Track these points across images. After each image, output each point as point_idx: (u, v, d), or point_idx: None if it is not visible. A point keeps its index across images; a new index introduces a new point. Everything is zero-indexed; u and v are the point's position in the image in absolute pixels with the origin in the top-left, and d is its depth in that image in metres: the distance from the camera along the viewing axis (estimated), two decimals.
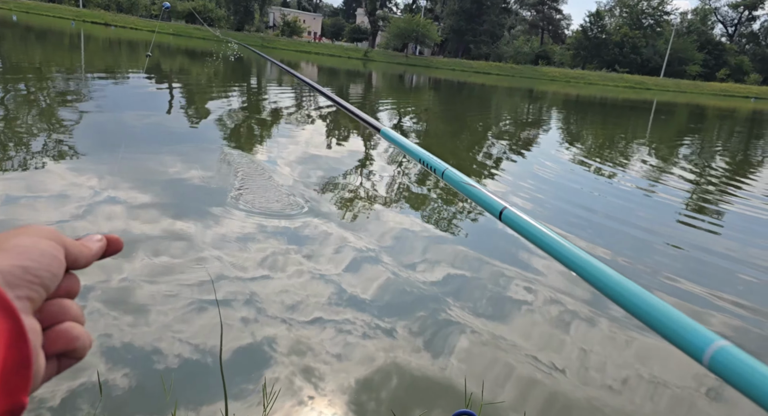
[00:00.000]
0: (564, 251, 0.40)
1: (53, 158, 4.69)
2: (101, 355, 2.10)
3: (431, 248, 3.57)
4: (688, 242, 4.44)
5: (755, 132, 18.49)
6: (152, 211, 3.62)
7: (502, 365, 2.32)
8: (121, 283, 2.64)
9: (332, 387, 2.05)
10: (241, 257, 3.06)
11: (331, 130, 8.74)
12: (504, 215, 0.49)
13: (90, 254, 0.40)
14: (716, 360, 0.32)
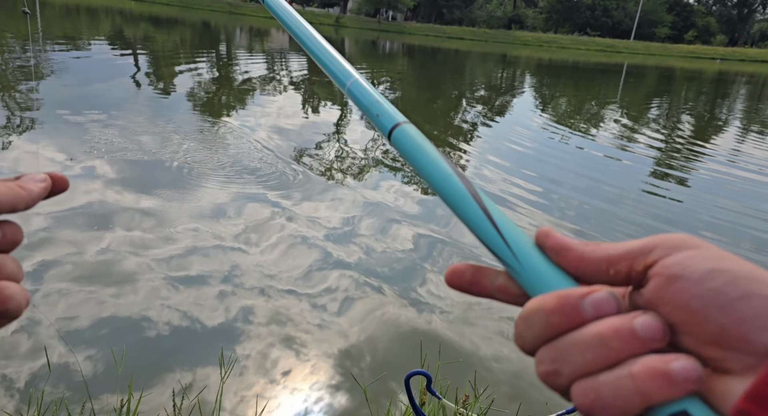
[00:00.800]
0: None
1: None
2: (58, 332, 2.14)
3: (407, 212, 3.65)
4: (654, 212, 4.63)
5: (720, 92, 18.94)
6: (121, 184, 3.59)
7: (467, 328, 2.45)
8: (98, 256, 2.66)
9: (296, 372, 2.15)
10: (218, 227, 3.10)
11: (308, 97, 8.64)
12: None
13: (29, 197, 0.36)
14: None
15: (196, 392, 1.75)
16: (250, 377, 1.99)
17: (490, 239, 0.31)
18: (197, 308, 2.38)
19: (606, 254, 0.28)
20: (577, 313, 0.26)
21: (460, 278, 0.32)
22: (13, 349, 2.00)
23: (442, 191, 0.33)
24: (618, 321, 0.25)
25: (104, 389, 1.78)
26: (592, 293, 0.26)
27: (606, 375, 0.25)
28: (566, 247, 0.29)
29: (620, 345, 0.25)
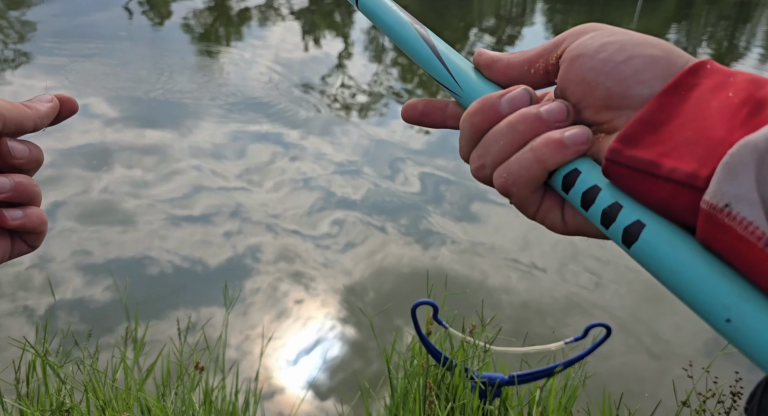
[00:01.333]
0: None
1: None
2: (74, 266, 2.16)
3: (413, 151, 3.58)
4: None
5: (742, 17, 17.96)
6: (123, 120, 3.51)
7: (473, 262, 2.44)
8: (101, 195, 2.64)
9: (313, 296, 2.16)
10: (220, 164, 3.05)
11: (309, 29, 8.27)
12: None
13: (36, 115, 0.35)
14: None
15: (201, 326, 1.78)
16: (254, 314, 2.01)
17: (439, 73, 0.35)
18: (201, 246, 2.38)
19: (527, 57, 0.31)
20: (496, 111, 0.30)
21: (413, 111, 0.36)
22: (25, 283, 2.03)
23: (401, 41, 0.37)
24: (526, 109, 0.29)
25: (110, 321, 1.81)
26: (508, 93, 0.30)
27: (515, 155, 0.29)
28: (495, 59, 0.33)
29: (526, 127, 0.28)
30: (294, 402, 1.70)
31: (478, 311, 1.42)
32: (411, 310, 1.26)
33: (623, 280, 2.35)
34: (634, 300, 2.14)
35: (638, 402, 1.20)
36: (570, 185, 0.28)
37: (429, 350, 1.29)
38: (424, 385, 1.24)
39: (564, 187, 0.28)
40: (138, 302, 1.38)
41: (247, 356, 1.81)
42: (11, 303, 1.93)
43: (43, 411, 1.09)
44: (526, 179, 0.28)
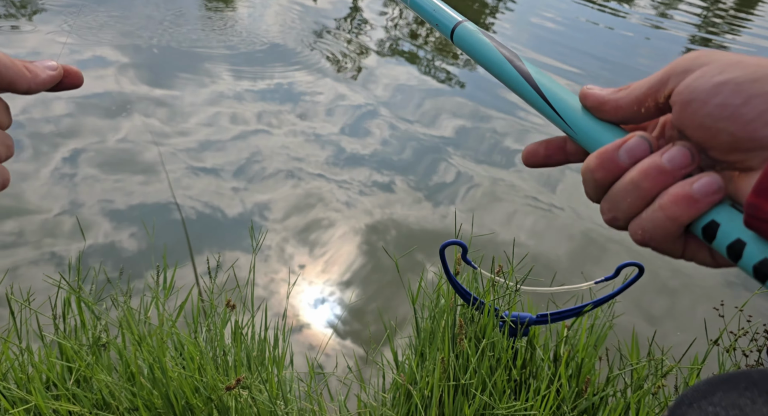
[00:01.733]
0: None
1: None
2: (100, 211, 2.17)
3: (428, 100, 3.49)
4: None
5: None
6: (134, 69, 3.45)
7: (495, 205, 2.42)
8: (118, 144, 2.63)
9: (337, 236, 2.17)
10: (235, 112, 3.01)
11: None
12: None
13: (32, 80, 0.34)
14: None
15: (227, 268, 1.79)
16: (277, 257, 2.03)
17: (547, 113, 0.35)
18: (221, 194, 2.37)
19: (634, 96, 0.31)
20: (616, 165, 0.29)
21: (535, 156, 0.36)
22: (54, 229, 2.05)
23: (505, 79, 0.37)
24: (648, 162, 0.28)
25: (138, 266, 1.84)
26: (625, 143, 0.29)
27: (645, 212, 0.28)
28: (602, 101, 0.32)
29: (651, 183, 0.28)
30: (320, 339, 1.73)
31: (505, 252, 1.41)
32: (440, 250, 1.25)
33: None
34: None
35: (670, 342, 1.20)
36: (711, 237, 0.27)
37: (458, 290, 1.29)
38: (452, 324, 1.25)
39: (705, 237, 0.27)
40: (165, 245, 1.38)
41: (273, 296, 1.84)
42: (38, 250, 1.96)
43: (80, 346, 1.11)
44: (662, 236, 0.28)
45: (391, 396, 1.37)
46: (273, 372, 1.24)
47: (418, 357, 1.36)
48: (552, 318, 1.25)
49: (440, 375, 1.15)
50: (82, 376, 1.07)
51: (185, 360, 1.10)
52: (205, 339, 1.28)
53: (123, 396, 1.03)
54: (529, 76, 0.36)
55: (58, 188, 2.31)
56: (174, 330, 1.18)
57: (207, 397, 1.08)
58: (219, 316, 1.29)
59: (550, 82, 0.36)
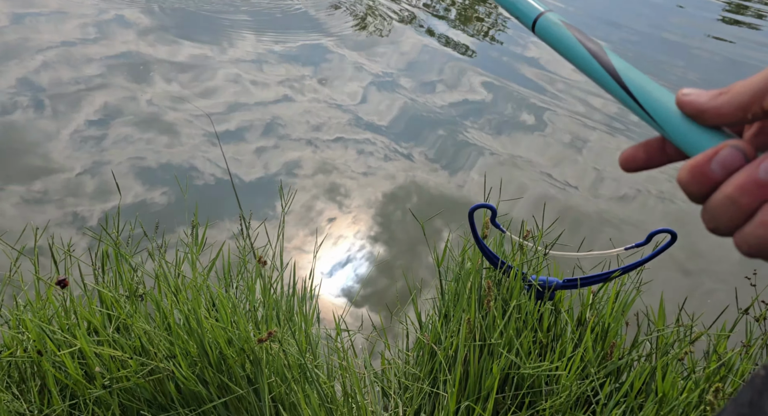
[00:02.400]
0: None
1: None
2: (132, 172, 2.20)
3: (448, 71, 3.43)
4: (718, 59, 4.18)
5: None
6: (160, 31, 3.42)
7: (517, 177, 2.40)
8: (146, 107, 2.64)
9: (354, 204, 2.18)
10: (257, 77, 2.99)
11: None
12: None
13: None
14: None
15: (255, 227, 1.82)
16: (305, 217, 2.05)
17: (638, 113, 0.33)
18: (246, 156, 2.39)
19: (738, 103, 0.29)
20: (709, 178, 0.28)
21: (635, 162, 0.35)
22: (76, 190, 2.09)
23: (589, 74, 0.35)
24: (744, 175, 0.27)
25: (170, 223, 1.87)
26: (717, 154, 0.28)
27: (748, 226, 0.27)
28: (701, 110, 0.30)
29: (749, 199, 0.27)
30: (345, 299, 1.77)
31: (534, 216, 1.41)
32: (469, 212, 1.26)
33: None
34: (695, 207, 2.10)
35: (701, 309, 1.20)
36: None
37: (485, 254, 1.30)
38: (479, 287, 1.27)
39: None
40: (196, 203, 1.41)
41: (301, 254, 1.87)
42: (61, 210, 2.01)
43: (119, 296, 1.15)
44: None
45: (414, 355, 1.40)
46: (302, 327, 1.28)
47: (442, 318, 1.39)
48: (580, 283, 1.25)
49: (466, 335, 1.17)
50: (122, 324, 1.11)
51: (218, 313, 1.14)
52: (236, 294, 1.31)
53: (161, 344, 1.07)
54: (616, 72, 0.34)
55: (83, 149, 2.34)
56: (207, 283, 1.21)
57: (240, 348, 1.12)
58: (249, 272, 1.32)
59: (641, 79, 0.33)
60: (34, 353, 1.03)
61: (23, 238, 1.25)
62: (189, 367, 1.08)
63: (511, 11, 0.41)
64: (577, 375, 1.08)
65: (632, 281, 1.27)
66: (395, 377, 1.35)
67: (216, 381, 1.11)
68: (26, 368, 1.06)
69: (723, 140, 0.30)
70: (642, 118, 0.33)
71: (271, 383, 1.14)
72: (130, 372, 1.04)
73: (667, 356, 1.09)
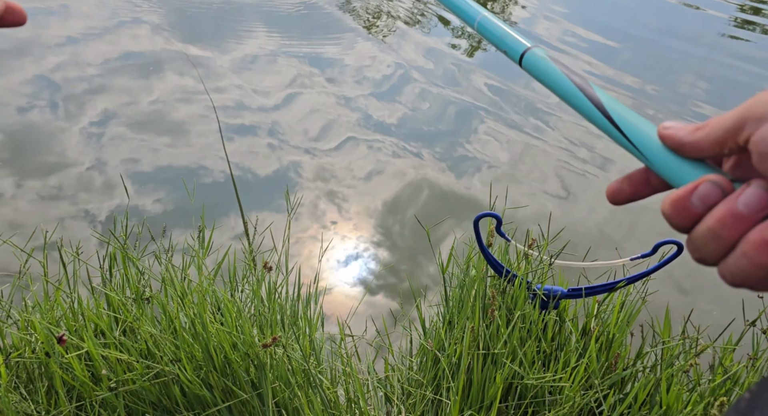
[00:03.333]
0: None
1: None
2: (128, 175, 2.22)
3: (458, 71, 3.42)
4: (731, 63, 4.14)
5: None
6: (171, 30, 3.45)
7: (524, 184, 2.40)
8: (149, 106, 2.66)
9: (357, 209, 2.18)
10: (261, 79, 3.00)
11: None
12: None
13: None
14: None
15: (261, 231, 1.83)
16: (309, 220, 2.05)
17: (623, 144, 0.34)
18: (251, 157, 2.40)
19: (714, 139, 0.30)
20: (690, 212, 0.29)
21: (621, 195, 0.36)
22: (89, 184, 2.11)
23: (576, 107, 0.37)
24: (722, 209, 0.28)
25: (174, 224, 1.89)
26: (696, 189, 0.29)
27: (730, 257, 0.28)
28: (681, 144, 0.32)
29: (729, 232, 0.28)
30: (349, 302, 1.77)
31: (539, 225, 1.40)
32: (474, 222, 1.26)
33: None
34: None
35: (707, 321, 1.20)
36: None
37: (490, 262, 1.30)
38: (483, 295, 1.27)
39: None
40: (203, 205, 1.42)
41: (306, 256, 1.88)
42: (74, 206, 2.03)
43: (126, 298, 1.16)
44: (754, 281, 0.28)
45: (418, 361, 1.40)
46: (306, 332, 1.28)
47: (446, 325, 1.39)
48: (585, 293, 1.25)
49: (469, 343, 1.17)
50: (129, 327, 1.12)
51: (224, 317, 1.15)
52: (241, 298, 1.32)
53: (166, 348, 1.08)
54: (601, 105, 0.35)
55: (93, 146, 2.36)
56: (212, 287, 1.22)
57: (244, 353, 1.13)
58: (255, 276, 1.32)
59: (625, 112, 0.34)
60: (42, 354, 1.04)
61: (34, 236, 1.27)
62: (194, 371, 1.09)
63: (499, 46, 0.43)
64: (580, 386, 1.08)
65: (638, 292, 1.26)
66: (398, 383, 1.36)
67: (220, 385, 1.12)
68: (34, 369, 1.08)
69: (704, 171, 0.31)
70: (627, 149, 0.34)
71: (275, 388, 1.14)
72: (136, 375, 1.05)
73: (672, 368, 1.09)
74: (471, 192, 2.31)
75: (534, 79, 0.39)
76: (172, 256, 1.24)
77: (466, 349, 1.16)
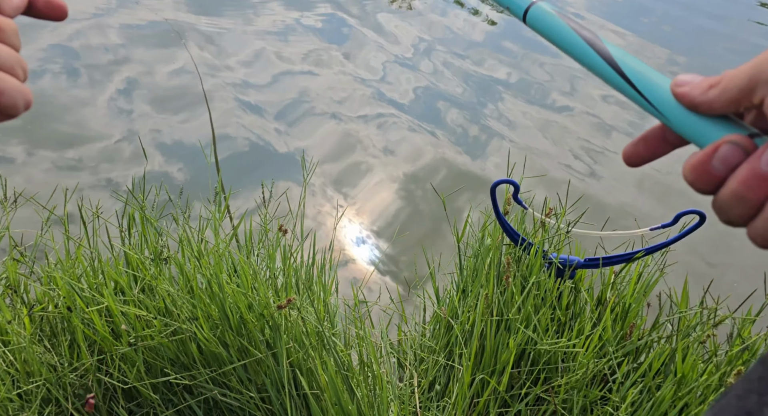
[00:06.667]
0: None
1: None
2: (152, 143, 2.23)
3: (473, 45, 3.35)
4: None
5: None
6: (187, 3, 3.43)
7: (547, 146, 2.36)
8: (171, 78, 2.66)
9: (381, 175, 2.17)
10: (283, 49, 2.98)
11: None
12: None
13: (11, 6, 0.34)
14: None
15: (278, 197, 1.84)
16: (324, 194, 2.06)
17: (638, 100, 0.33)
18: (267, 129, 2.40)
19: (727, 99, 0.29)
20: (712, 175, 0.29)
21: (638, 157, 0.35)
22: (116, 154, 2.13)
23: (586, 64, 0.35)
24: (746, 170, 0.28)
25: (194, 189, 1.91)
26: (717, 152, 0.29)
27: (758, 220, 0.28)
28: (694, 103, 0.30)
29: (755, 194, 0.27)
30: (364, 272, 1.78)
31: (558, 193, 1.38)
32: (491, 188, 1.24)
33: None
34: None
35: (727, 292, 1.18)
36: None
37: (506, 230, 1.28)
38: (498, 263, 1.26)
39: None
40: (219, 171, 1.43)
41: (320, 227, 1.89)
42: (94, 176, 2.06)
43: (144, 258, 1.18)
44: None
45: (431, 328, 1.41)
46: (320, 295, 1.30)
47: (459, 293, 1.39)
48: (602, 263, 1.23)
49: (483, 310, 1.17)
50: (147, 285, 1.14)
51: (240, 279, 1.16)
52: (257, 261, 1.33)
53: (184, 306, 1.10)
54: (613, 60, 0.33)
55: (116, 117, 2.38)
56: (228, 250, 1.23)
57: (260, 314, 1.14)
58: (270, 242, 1.33)
59: (639, 66, 0.33)
60: (65, 309, 1.07)
61: (53, 200, 1.29)
62: (210, 330, 1.11)
63: (501, 2, 0.40)
64: (594, 354, 1.07)
65: (656, 263, 1.24)
66: (411, 349, 1.37)
67: (236, 344, 1.14)
68: (57, 323, 1.11)
69: (724, 128, 0.30)
70: (642, 106, 0.33)
71: (290, 348, 1.16)
72: (155, 332, 1.07)
73: (689, 338, 1.08)
74: (487, 169, 2.28)
75: (540, 35, 0.37)
76: (189, 216, 1.26)
77: (479, 316, 1.16)
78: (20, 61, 0.33)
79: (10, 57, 0.32)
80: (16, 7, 0.35)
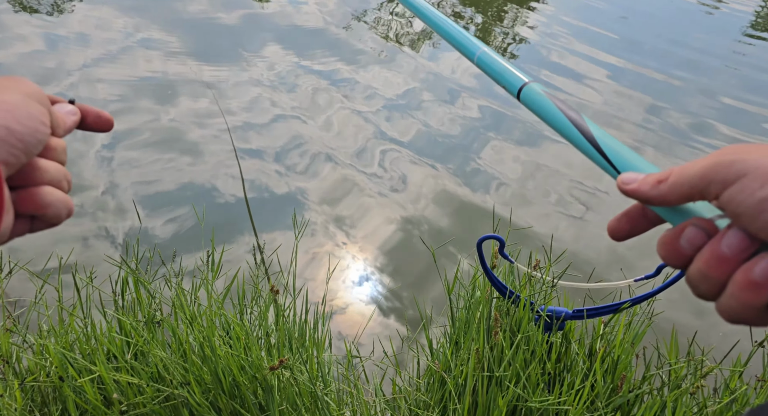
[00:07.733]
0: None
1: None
2: (134, 193, 2.27)
3: (464, 91, 3.46)
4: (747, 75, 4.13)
5: None
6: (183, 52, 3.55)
7: (530, 197, 2.40)
8: (168, 124, 2.73)
9: (362, 234, 2.20)
10: (276, 97, 3.07)
11: None
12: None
13: (64, 129, 0.37)
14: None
15: (270, 251, 1.86)
16: (319, 238, 2.08)
17: (616, 177, 0.36)
18: (263, 176, 2.44)
19: (680, 194, 0.31)
20: (681, 253, 0.31)
21: (621, 232, 0.37)
22: (103, 207, 2.16)
23: (570, 140, 0.39)
24: (708, 251, 0.29)
25: (186, 246, 1.93)
26: (684, 232, 0.31)
27: (723, 297, 0.29)
28: (647, 198, 0.33)
29: (717, 273, 0.29)
30: (357, 323, 1.79)
31: (541, 247, 1.41)
32: (477, 244, 1.27)
33: None
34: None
35: (712, 341, 1.19)
36: None
37: (494, 284, 1.30)
38: (488, 316, 1.27)
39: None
40: (212, 227, 1.45)
41: (313, 277, 1.90)
42: (94, 223, 2.08)
43: (137, 322, 1.19)
44: (747, 318, 0.29)
45: (425, 382, 1.40)
46: (313, 354, 1.30)
47: (452, 346, 1.39)
48: (588, 314, 1.25)
49: (474, 365, 1.17)
50: (140, 350, 1.15)
51: (232, 340, 1.17)
52: (250, 320, 1.34)
53: (176, 371, 1.11)
54: (594, 139, 0.37)
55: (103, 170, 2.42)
56: (221, 311, 1.25)
57: (252, 375, 1.15)
58: (263, 299, 1.35)
59: (617, 146, 0.36)
60: (56, 378, 1.07)
61: (49, 262, 1.31)
62: (203, 394, 1.11)
63: (498, 81, 0.45)
64: (585, 408, 1.07)
65: (643, 312, 1.26)
66: (406, 404, 1.36)
67: (228, 408, 1.13)
68: (48, 393, 1.11)
69: (691, 210, 0.32)
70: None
71: (282, 410, 1.16)
72: (147, 399, 1.07)
73: (678, 390, 1.08)
74: (484, 204, 2.32)
75: (531, 111, 0.41)
76: (182, 279, 1.27)
77: (470, 371, 1.17)
78: (66, 175, 0.36)
79: (58, 172, 0.35)
80: (68, 129, 0.38)
